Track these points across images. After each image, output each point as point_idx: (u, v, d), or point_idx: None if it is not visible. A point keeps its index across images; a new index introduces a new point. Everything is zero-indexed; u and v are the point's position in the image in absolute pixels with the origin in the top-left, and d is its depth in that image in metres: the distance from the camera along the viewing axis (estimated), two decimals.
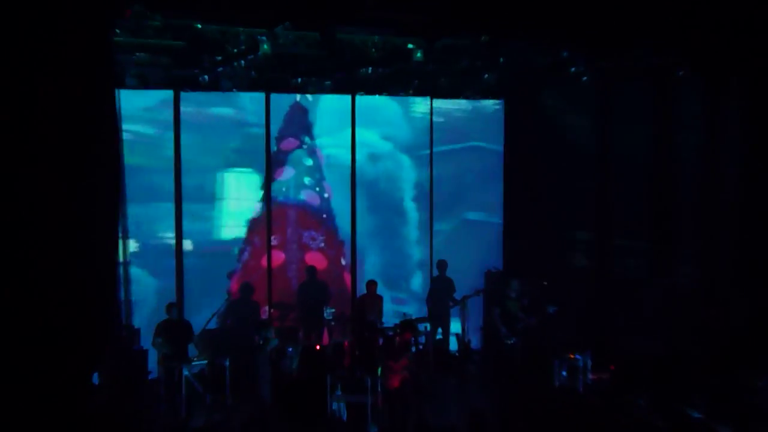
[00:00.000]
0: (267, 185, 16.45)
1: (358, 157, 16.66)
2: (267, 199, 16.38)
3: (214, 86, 14.56)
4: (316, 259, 17.13)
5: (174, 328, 13.97)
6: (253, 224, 16.70)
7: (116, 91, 11.83)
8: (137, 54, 13.02)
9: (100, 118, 10.70)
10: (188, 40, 12.34)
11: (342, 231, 17.34)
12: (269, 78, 14.97)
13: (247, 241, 16.61)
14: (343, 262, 17.22)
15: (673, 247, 15.16)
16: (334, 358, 14.11)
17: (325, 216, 17.29)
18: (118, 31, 11.78)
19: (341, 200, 17.04)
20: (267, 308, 16.38)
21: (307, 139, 17.15)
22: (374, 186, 17.59)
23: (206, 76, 14.26)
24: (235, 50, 12.64)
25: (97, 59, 10.60)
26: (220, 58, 13.18)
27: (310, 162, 17.09)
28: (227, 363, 14.01)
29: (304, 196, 17.22)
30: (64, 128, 10.17)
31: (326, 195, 17.28)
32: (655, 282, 15.06)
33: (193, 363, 13.95)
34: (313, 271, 16.49)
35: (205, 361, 14.04)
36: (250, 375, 13.79)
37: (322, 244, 17.18)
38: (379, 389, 12.91)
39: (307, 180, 17.17)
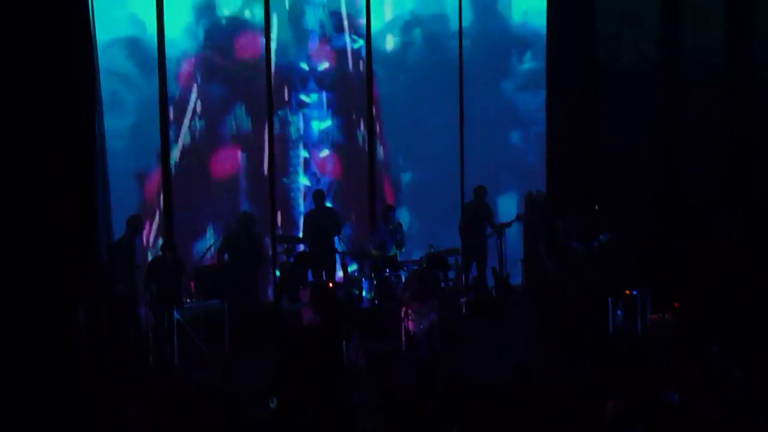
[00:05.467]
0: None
1: None
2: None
3: None
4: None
5: (167, 269, 12.65)
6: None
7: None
8: None
9: (74, 78, 10.71)
10: None
11: None
12: None
13: None
14: None
15: (754, 163, 13.79)
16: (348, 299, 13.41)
17: None
18: None
19: None
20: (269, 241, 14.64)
21: None
22: None
23: None
24: None
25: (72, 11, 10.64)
26: None
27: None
28: (225, 306, 12.80)
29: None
30: (32, 89, 10.27)
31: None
32: (731, 204, 13.73)
33: (186, 306, 12.62)
34: (320, 196, 14.75)
35: (199, 304, 12.76)
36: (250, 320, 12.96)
37: None
38: (403, 335, 12.41)
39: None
